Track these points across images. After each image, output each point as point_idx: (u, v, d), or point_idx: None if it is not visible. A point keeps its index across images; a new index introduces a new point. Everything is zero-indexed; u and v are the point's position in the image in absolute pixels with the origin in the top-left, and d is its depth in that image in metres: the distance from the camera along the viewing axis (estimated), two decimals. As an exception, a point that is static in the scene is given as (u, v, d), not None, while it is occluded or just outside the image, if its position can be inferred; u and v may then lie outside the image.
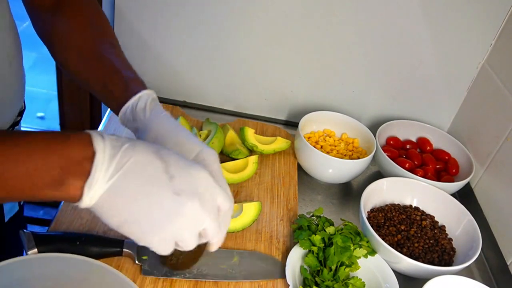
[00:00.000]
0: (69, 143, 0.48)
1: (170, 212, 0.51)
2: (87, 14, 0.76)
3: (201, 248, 0.64)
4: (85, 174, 0.48)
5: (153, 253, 0.66)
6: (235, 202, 0.91)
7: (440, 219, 0.95)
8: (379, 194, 0.95)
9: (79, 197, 0.48)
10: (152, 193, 0.50)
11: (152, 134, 0.65)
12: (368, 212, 0.93)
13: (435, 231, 0.91)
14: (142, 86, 0.70)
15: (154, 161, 0.51)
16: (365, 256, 0.83)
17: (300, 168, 1.05)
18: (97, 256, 0.73)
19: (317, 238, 0.82)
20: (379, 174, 1.09)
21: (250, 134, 1.04)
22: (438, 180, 1.02)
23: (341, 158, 1.02)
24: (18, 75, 0.77)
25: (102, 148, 0.48)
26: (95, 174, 0.48)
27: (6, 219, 0.87)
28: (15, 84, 0.76)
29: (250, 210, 0.88)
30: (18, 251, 0.74)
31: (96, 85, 0.72)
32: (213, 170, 0.59)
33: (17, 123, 0.82)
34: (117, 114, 0.70)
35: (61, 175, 0.47)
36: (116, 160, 0.49)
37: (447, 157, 1.09)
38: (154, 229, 0.51)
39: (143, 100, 0.68)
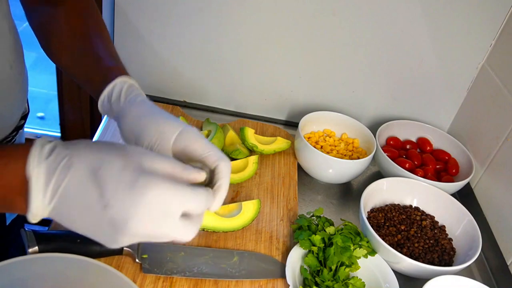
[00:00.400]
0: (7, 167, 0.47)
1: (112, 237, 0.48)
2: (78, 5, 0.76)
3: None
4: (26, 197, 0.47)
5: (154, 251, 0.66)
6: (235, 202, 0.91)
7: (440, 219, 0.95)
8: (379, 194, 0.95)
9: (28, 213, 0.48)
10: (86, 222, 0.48)
11: (128, 120, 0.62)
12: (368, 212, 0.93)
13: (435, 231, 0.91)
14: (120, 74, 0.67)
15: (87, 186, 0.47)
16: (365, 256, 0.83)
17: (300, 168, 1.05)
18: (97, 255, 0.73)
19: (317, 238, 0.82)
20: (379, 174, 1.09)
21: (250, 134, 1.04)
22: (438, 180, 1.02)
23: (341, 158, 1.02)
24: (20, 78, 0.76)
25: (36, 174, 0.47)
26: (32, 202, 0.47)
27: (8, 222, 0.87)
28: (16, 87, 0.76)
29: (249, 208, 0.88)
30: (20, 253, 0.74)
31: (81, 76, 0.71)
32: (196, 149, 0.58)
33: (20, 126, 0.82)
34: (97, 101, 0.68)
35: (5, 195, 0.48)
36: (51, 185, 0.47)
37: (447, 157, 1.09)
38: (109, 241, 0.49)
39: (118, 88, 0.66)
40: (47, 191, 0.47)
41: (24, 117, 0.83)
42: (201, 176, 0.54)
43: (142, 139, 0.60)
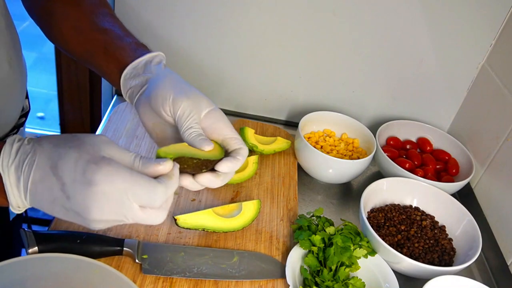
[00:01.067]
0: None
1: (84, 223, 0.52)
2: None
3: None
4: (5, 195, 0.52)
5: (154, 251, 0.67)
6: (235, 202, 0.91)
7: (440, 219, 0.95)
8: (379, 194, 0.95)
9: (10, 206, 0.53)
10: (59, 211, 0.52)
11: (168, 81, 0.66)
12: (368, 212, 0.93)
13: (435, 231, 0.91)
14: (147, 49, 0.72)
15: (50, 180, 0.50)
16: (365, 256, 0.83)
17: (300, 168, 1.05)
18: (97, 255, 0.73)
19: (317, 238, 0.82)
20: (379, 174, 1.09)
21: (250, 134, 1.04)
22: (438, 180, 1.02)
23: (341, 158, 1.02)
24: (18, 75, 0.76)
25: (7, 173, 0.51)
26: (9, 197, 0.51)
27: (12, 218, 0.87)
28: (15, 84, 0.76)
29: (250, 208, 0.88)
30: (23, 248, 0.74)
31: (95, 52, 0.72)
32: (222, 128, 0.65)
33: (21, 124, 0.82)
34: (114, 78, 0.71)
35: None
36: (21, 182, 0.51)
37: (447, 157, 1.09)
38: (85, 225, 0.53)
39: (159, 58, 0.71)
40: (20, 188, 0.51)
41: (25, 115, 0.83)
42: (164, 167, 0.55)
43: (180, 100, 0.63)
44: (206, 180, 0.63)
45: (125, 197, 0.51)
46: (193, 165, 0.62)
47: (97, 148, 0.52)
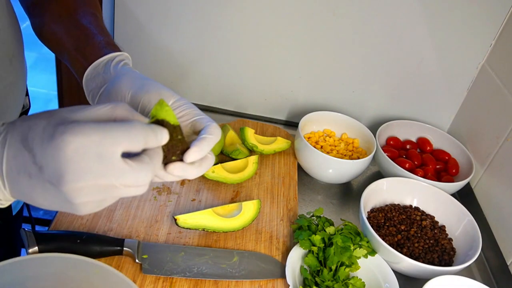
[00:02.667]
0: None
1: (65, 201, 0.46)
2: None
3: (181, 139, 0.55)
4: None
5: (154, 251, 0.67)
6: (235, 202, 0.91)
7: (440, 219, 0.95)
8: (379, 194, 0.95)
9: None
10: (41, 193, 0.47)
11: (128, 79, 0.62)
12: (368, 212, 0.93)
13: (435, 231, 0.91)
14: (117, 49, 0.69)
15: (22, 154, 0.46)
16: (365, 256, 0.83)
17: (300, 168, 1.05)
18: (97, 255, 0.73)
19: (317, 238, 0.82)
20: (379, 174, 1.09)
21: (250, 134, 1.04)
22: (438, 180, 1.02)
23: (341, 158, 1.02)
24: (19, 73, 0.77)
25: None
26: None
27: (14, 212, 0.87)
28: (16, 82, 0.76)
29: (250, 208, 0.88)
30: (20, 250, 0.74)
31: (68, 49, 0.70)
32: (188, 113, 0.59)
33: None
34: (80, 76, 0.68)
35: None
36: None
37: (447, 157, 1.09)
38: (70, 209, 0.47)
39: (120, 57, 0.67)
40: (1, 172, 0.47)
41: (25, 112, 0.83)
42: (133, 115, 0.50)
43: (139, 97, 0.59)
44: (178, 169, 0.53)
45: (102, 148, 0.44)
46: (169, 145, 0.53)
47: (64, 113, 0.47)
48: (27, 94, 0.85)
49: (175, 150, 0.53)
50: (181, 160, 0.54)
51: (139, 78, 0.63)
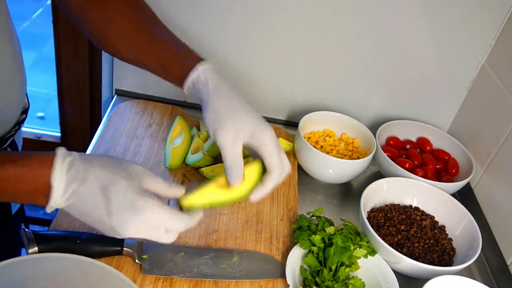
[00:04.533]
0: (36, 175, 0.58)
1: (112, 234, 0.62)
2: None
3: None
4: (47, 198, 0.59)
5: (154, 251, 0.68)
6: (234, 203, 0.91)
7: (440, 219, 0.95)
8: (379, 194, 0.95)
9: (46, 207, 0.60)
10: (93, 220, 0.61)
11: (211, 112, 0.73)
12: (368, 212, 0.93)
13: (435, 231, 0.91)
14: (197, 58, 0.76)
15: (97, 197, 0.59)
16: (365, 256, 0.83)
17: (300, 168, 1.05)
18: (97, 255, 0.73)
19: (317, 238, 0.82)
20: (379, 174, 1.09)
21: None
22: (438, 180, 1.02)
23: (341, 158, 1.02)
24: (20, 71, 0.77)
25: (57, 184, 0.58)
26: (52, 201, 0.59)
27: (14, 211, 0.88)
28: (17, 80, 0.76)
29: (251, 172, 0.79)
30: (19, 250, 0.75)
31: (155, 67, 0.78)
32: (264, 145, 0.72)
33: (22, 121, 0.82)
34: (177, 82, 0.78)
35: (31, 195, 0.59)
36: (69, 192, 0.59)
37: (447, 157, 1.09)
38: (110, 235, 0.62)
39: (202, 74, 0.75)
40: (65, 195, 0.59)
41: (25, 111, 0.84)
42: (180, 192, 0.67)
43: (218, 135, 0.71)
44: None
45: (158, 225, 0.62)
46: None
47: (140, 180, 0.63)
48: (26, 95, 0.85)
49: None
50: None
51: (228, 106, 0.74)
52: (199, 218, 0.68)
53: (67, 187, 0.58)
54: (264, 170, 0.73)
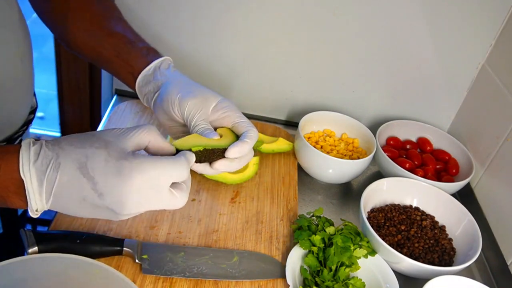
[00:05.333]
0: (0, 170, 0.52)
1: (111, 215, 0.55)
2: None
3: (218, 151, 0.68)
4: (24, 198, 0.52)
5: (153, 251, 0.67)
6: (235, 202, 0.91)
7: (440, 219, 0.95)
8: (379, 194, 0.95)
9: (28, 210, 0.54)
10: (87, 210, 0.54)
11: (177, 83, 0.72)
12: (368, 212, 0.93)
13: (435, 231, 0.91)
14: (157, 53, 0.77)
15: (79, 181, 0.52)
16: (365, 256, 0.83)
17: (300, 168, 1.05)
18: (97, 255, 0.73)
19: (317, 238, 0.82)
20: (379, 174, 1.09)
21: None
22: (438, 180, 1.02)
23: (341, 158, 1.02)
24: (29, 72, 0.77)
25: (28, 178, 0.51)
26: (31, 201, 0.52)
27: (20, 212, 0.88)
28: (26, 81, 0.76)
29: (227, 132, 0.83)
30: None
31: (108, 57, 0.76)
32: (230, 115, 0.70)
33: (30, 121, 0.82)
34: (129, 82, 0.77)
35: (4, 196, 0.53)
36: (44, 186, 0.52)
37: (447, 157, 1.09)
38: (111, 218, 0.56)
39: (167, 62, 0.76)
40: (42, 191, 0.52)
41: (33, 111, 0.84)
42: (172, 148, 0.61)
43: (186, 101, 0.69)
44: (222, 166, 0.67)
45: (159, 182, 0.54)
46: (207, 154, 0.66)
47: (120, 143, 0.55)
48: (34, 94, 0.85)
49: (213, 157, 0.67)
50: (223, 157, 0.67)
51: (187, 83, 0.73)
52: (193, 158, 0.62)
53: (41, 178, 0.51)
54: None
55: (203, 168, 0.68)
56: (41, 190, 0.52)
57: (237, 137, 0.71)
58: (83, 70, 1.36)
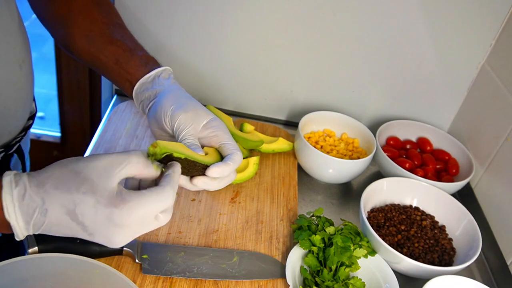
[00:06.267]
0: None
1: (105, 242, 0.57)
2: None
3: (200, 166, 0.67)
4: (9, 229, 0.53)
5: (154, 251, 0.67)
6: (235, 201, 0.91)
7: (440, 219, 0.95)
8: (379, 194, 0.95)
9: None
10: (83, 238, 0.56)
11: (171, 96, 0.72)
12: (368, 212, 0.93)
13: (435, 231, 0.91)
14: (156, 63, 0.78)
15: (68, 224, 0.54)
16: (365, 256, 0.83)
17: (300, 168, 1.05)
18: (97, 255, 0.73)
19: (317, 238, 0.82)
20: (379, 174, 1.09)
21: (249, 130, 1.04)
22: (438, 180, 1.02)
23: (341, 158, 1.02)
24: (28, 78, 0.77)
25: (14, 220, 0.52)
26: (18, 235, 0.53)
27: None
28: (25, 87, 0.76)
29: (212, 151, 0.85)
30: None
31: (107, 63, 0.76)
32: (218, 135, 0.70)
33: (28, 127, 0.82)
34: (126, 88, 0.77)
35: None
36: (31, 226, 0.53)
37: (447, 157, 1.09)
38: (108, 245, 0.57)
39: (168, 72, 0.77)
40: (29, 229, 0.53)
41: (32, 117, 0.84)
42: (157, 172, 0.60)
43: (178, 114, 0.70)
44: (201, 182, 0.67)
45: (146, 218, 0.56)
46: (187, 165, 0.64)
47: (107, 184, 0.54)
48: (34, 100, 0.85)
49: (193, 171, 0.66)
50: (204, 175, 0.67)
51: (183, 96, 0.74)
52: (179, 172, 0.61)
53: (27, 220, 0.52)
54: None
55: (184, 182, 0.67)
56: (28, 228, 0.53)
57: (221, 158, 0.70)
58: (83, 70, 1.36)
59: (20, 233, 0.53)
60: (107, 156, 0.56)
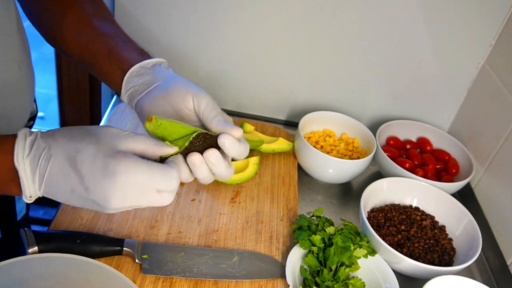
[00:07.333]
0: None
1: (99, 208, 0.55)
2: None
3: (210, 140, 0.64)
4: (18, 185, 0.55)
5: (154, 251, 0.67)
6: (235, 201, 0.91)
7: (440, 219, 0.95)
8: (379, 194, 0.95)
9: (22, 196, 0.56)
10: (76, 200, 0.55)
11: (186, 81, 0.69)
12: (368, 212, 0.93)
13: (435, 231, 0.91)
14: (149, 56, 0.75)
15: (67, 172, 0.54)
16: (365, 256, 0.83)
17: (300, 168, 1.05)
18: (97, 255, 0.73)
19: (317, 238, 0.82)
20: (379, 174, 1.09)
21: (249, 130, 1.04)
22: (438, 180, 1.02)
23: (341, 158, 1.02)
24: (28, 79, 0.77)
25: (22, 167, 0.54)
26: (24, 188, 0.54)
27: (19, 218, 0.87)
28: (25, 88, 0.76)
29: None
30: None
31: (97, 54, 0.73)
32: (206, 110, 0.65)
33: (29, 127, 0.82)
34: (114, 78, 0.73)
35: (3, 185, 0.55)
36: (37, 175, 0.54)
37: (447, 157, 1.09)
38: (101, 211, 0.56)
39: (165, 63, 0.74)
40: (35, 180, 0.54)
41: (33, 118, 0.84)
42: (172, 149, 0.59)
43: (206, 95, 0.67)
44: (214, 155, 0.62)
45: (145, 186, 0.54)
46: (197, 142, 0.62)
47: (112, 142, 0.55)
48: (34, 100, 0.85)
49: (199, 148, 0.62)
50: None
51: (191, 83, 0.70)
52: (182, 162, 0.60)
53: (33, 168, 0.54)
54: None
55: (187, 176, 0.63)
56: (34, 178, 0.54)
57: None
58: (83, 70, 1.36)
59: (27, 187, 0.54)
60: (125, 129, 0.58)
